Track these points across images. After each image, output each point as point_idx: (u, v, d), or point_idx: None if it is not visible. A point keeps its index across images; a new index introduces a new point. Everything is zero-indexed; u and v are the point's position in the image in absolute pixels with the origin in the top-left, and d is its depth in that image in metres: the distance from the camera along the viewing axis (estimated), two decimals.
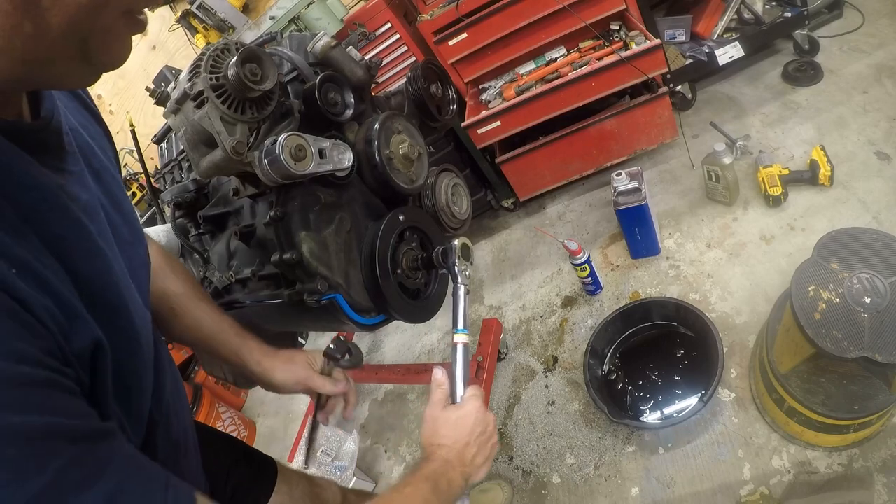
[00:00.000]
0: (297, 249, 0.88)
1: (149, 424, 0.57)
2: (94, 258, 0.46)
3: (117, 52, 0.44)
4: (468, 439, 0.75)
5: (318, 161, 0.85)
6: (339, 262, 0.94)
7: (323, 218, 0.94)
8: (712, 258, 1.70)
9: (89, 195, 0.50)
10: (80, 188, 0.49)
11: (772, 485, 1.21)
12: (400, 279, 0.99)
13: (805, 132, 1.85)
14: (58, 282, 0.40)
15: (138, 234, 0.60)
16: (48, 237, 0.41)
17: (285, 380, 0.89)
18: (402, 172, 1.04)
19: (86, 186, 0.50)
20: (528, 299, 2.01)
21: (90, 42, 0.40)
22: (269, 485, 0.93)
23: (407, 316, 1.00)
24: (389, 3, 1.88)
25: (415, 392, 2.01)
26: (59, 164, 0.48)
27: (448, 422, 0.77)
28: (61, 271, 0.42)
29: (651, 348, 1.58)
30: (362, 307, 0.95)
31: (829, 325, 0.97)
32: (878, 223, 1.50)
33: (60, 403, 0.37)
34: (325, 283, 0.90)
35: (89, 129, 0.58)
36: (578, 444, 1.52)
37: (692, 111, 2.19)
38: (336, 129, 0.98)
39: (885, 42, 1.96)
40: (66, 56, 0.40)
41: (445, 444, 0.74)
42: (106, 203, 0.54)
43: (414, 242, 1.03)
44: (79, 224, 0.46)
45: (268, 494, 0.91)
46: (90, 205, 0.50)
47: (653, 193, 1.99)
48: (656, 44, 1.67)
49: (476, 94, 2.09)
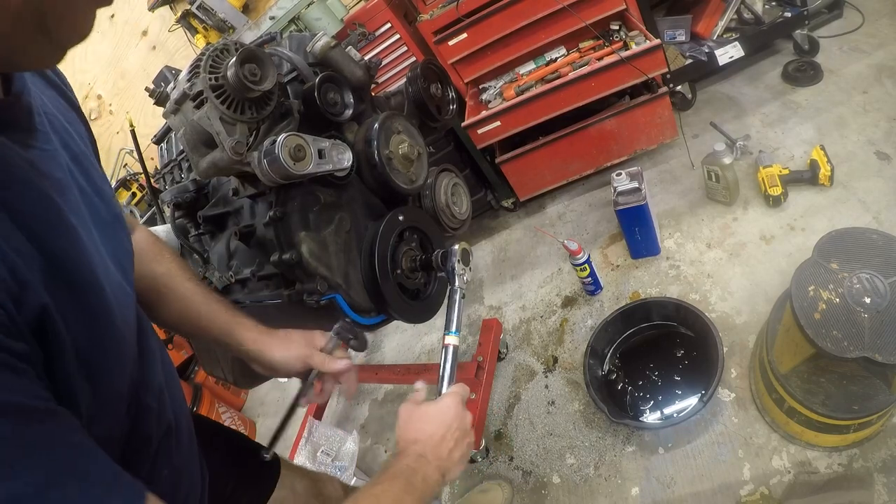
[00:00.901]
0: (297, 249, 0.88)
1: (140, 411, 0.56)
2: (61, 233, 0.46)
3: (78, 25, 0.42)
4: (444, 433, 0.72)
5: (317, 161, 0.85)
6: (338, 263, 0.94)
7: (322, 218, 0.94)
8: (712, 258, 1.70)
9: (62, 174, 0.50)
10: (52, 166, 0.49)
11: (772, 485, 1.21)
12: (399, 279, 0.99)
13: (805, 132, 1.85)
14: (13, 252, 0.39)
15: (119, 217, 0.60)
16: (12, 209, 0.41)
17: (285, 357, 0.83)
18: (402, 172, 1.04)
19: (59, 165, 0.50)
20: (528, 299, 2.01)
21: (48, 16, 0.39)
22: (272, 480, 0.92)
23: (406, 316, 1.00)
24: (389, 3, 1.88)
25: None
26: (29, 140, 0.47)
27: (423, 416, 0.75)
28: (24, 242, 0.41)
29: (651, 348, 1.58)
30: (362, 307, 0.96)
31: (829, 325, 0.97)
32: (878, 223, 1.50)
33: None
34: (324, 283, 0.90)
35: (67, 116, 0.58)
36: (578, 444, 1.52)
37: (692, 111, 2.19)
38: (335, 130, 0.98)
39: (885, 42, 1.95)
40: (24, 32, 0.38)
41: (420, 439, 0.71)
42: (84, 185, 0.53)
43: (413, 243, 1.04)
44: (47, 199, 0.45)
45: (270, 489, 0.91)
46: (63, 182, 0.49)
47: (653, 193, 1.99)
48: (656, 44, 1.67)
49: (476, 94, 2.09)
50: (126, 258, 0.59)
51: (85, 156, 0.57)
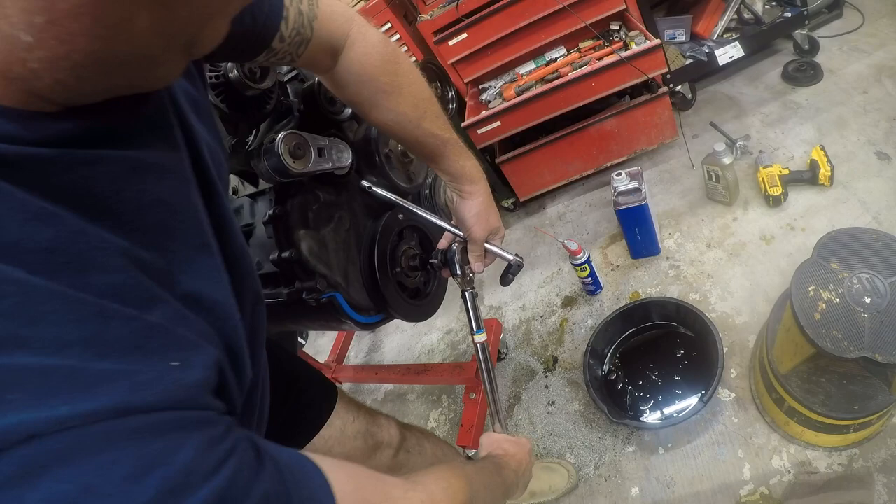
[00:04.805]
0: (296, 248, 0.88)
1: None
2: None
3: (217, 37, 0.38)
4: (525, 459, 0.82)
5: (317, 160, 0.85)
6: (338, 261, 0.94)
7: (322, 216, 0.94)
8: (712, 258, 1.70)
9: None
10: None
11: (772, 485, 1.21)
12: (399, 278, 0.99)
13: (805, 132, 1.85)
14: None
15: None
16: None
17: (467, 221, 0.86)
18: (401, 171, 1.04)
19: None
20: (528, 299, 2.01)
21: (196, 36, 0.35)
22: (324, 415, 0.90)
23: (406, 315, 1.00)
24: (389, 3, 1.88)
25: (415, 392, 2.01)
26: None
27: (509, 441, 0.83)
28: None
29: (651, 348, 1.58)
30: (361, 306, 0.96)
31: (829, 325, 0.97)
32: (878, 223, 1.49)
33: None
34: (323, 281, 0.90)
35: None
36: (578, 444, 1.52)
37: (692, 111, 2.19)
38: (335, 128, 0.99)
39: (885, 42, 1.95)
40: (174, 53, 0.34)
41: (510, 452, 0.79)
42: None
43: (413, 241, 1.04)
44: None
45: (319, 426, 0.89)
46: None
47: (653, 193, 1.99)
48: (656, 44, 1.67)
49: (476, 94, 2.09)
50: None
51: None
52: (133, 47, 0.30)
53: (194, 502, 0.29)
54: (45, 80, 0.29)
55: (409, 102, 0.76)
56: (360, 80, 0.72)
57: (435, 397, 1.93)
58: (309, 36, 0.65)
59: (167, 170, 0.40)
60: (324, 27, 0.66)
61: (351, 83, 0.72)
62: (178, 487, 0.28)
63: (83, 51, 0.28)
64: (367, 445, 0.95)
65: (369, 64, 0.71)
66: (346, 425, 0.92)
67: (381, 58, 0.72)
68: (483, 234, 0.89)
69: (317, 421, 0.89)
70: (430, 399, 1.94)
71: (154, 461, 0.28)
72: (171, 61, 0.35)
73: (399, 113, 0.75)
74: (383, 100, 0.74)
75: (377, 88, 0.73)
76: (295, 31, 0.62)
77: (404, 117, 0.76)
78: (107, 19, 0.28)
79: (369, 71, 0.72)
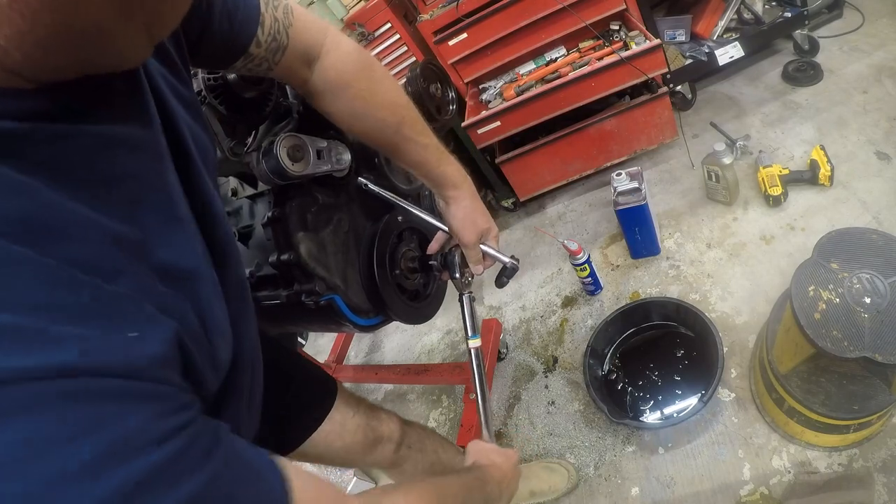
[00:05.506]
0: (295, 250, 0.88)
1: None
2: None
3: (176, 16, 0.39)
4: (511, 472, 0.80)
5: (316, 161, 0.85)
6: (337, 263, 0.94)
7: (321, 218, 0.94)
8: (712, 258, 1.70)
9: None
10: None
11: (772, 485, 1.21)
12: (398, 280, 0.99)
13: (805, 132, 1.84)
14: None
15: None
16: None
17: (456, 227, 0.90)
18: (401, 172, 1.04)
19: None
20: (528, 299, 2.01)
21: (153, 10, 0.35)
22: (324, 409, 0.90)
23: (405, 317, 1.00)
24: (389, 3, 1.88)
25: (415, 392, 2.01)
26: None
27: (496, 451, 0.83)
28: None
29: (651, 348, 1.58)
30: (360, 308, 0.96)
31: (829, 325, 0.97)
32: (878, 223, 1.49)
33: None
34: (322, 283, 0.90)
35: None
36: (578, 444, 1.52)
37: (692, 111, 2.19)
38: (335, 130, 0.98)
39: (885, 42, 1.95)
40: (134, 28, 0.35)
41: (496, 463, 0.78)
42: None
43: (413, 243, 1.04)
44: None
45: (320, 420, 0.89)
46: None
47: (653, 193, 1.99)
48: (656, 44, 1.67)
49: (476, 94, 2.09)
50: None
51: None
52: (91, 19, 0.31)
53: (127, 471, 0.29)
54: (14, 55, 0.31)
55: (387, 108, 0.77)
56: (337, 88, 0.73)
57: (435, 397, 1.93)
58: (285, 43, 0.66)
59: (138, 145, 0.42)
60: (299, 35, 0.67)
61: (328, 91, 0.73)
62: (115, 452, 0.29)
63: (45, 24, 0.30)
64: (368, 439, 0.95)
65: (344, 71, 0.73)
66: (347, 419, 0.92)
67: (355, 65, 0.73)
68: (473, 238, 0.89)
69: (317, 415, 0.90)
70: (430, 399, 1.94)
71: (96, 424, 0.29)
72: (133, 38, 0.36)
73: (377, 119, 0.76)
74: (360, 107, 0.75)
75: (353, 95, 0.74)
76: (271, 37, 0.64)
77: (383, 123, 0.77)
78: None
79: (345, 78, 0.73)
